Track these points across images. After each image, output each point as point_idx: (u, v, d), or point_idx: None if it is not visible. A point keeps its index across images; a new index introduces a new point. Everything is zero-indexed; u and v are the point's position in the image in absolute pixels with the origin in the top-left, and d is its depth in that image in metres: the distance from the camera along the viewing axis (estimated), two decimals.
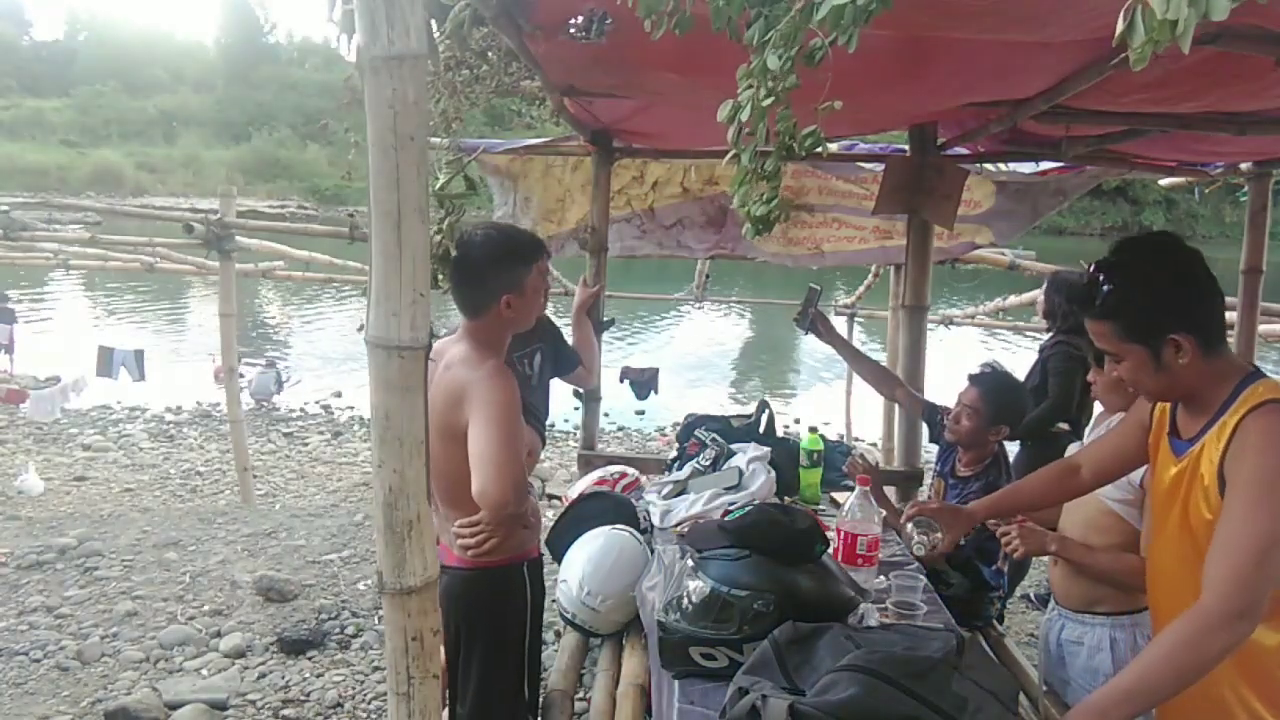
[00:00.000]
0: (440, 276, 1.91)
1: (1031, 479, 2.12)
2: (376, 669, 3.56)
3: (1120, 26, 0.91)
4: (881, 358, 8.83)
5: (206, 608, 4.13)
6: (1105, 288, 1.52)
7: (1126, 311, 1.51)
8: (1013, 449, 3.75)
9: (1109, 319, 1.53)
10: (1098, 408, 2.53)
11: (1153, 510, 1.68)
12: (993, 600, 3.00)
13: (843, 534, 2.23)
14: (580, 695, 2.94)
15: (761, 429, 3.34)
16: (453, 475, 1.97)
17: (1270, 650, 1.47)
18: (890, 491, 3.35)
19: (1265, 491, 1.37)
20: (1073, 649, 2.17)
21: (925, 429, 3.38)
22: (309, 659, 3.66)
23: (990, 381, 2.90)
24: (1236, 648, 1.36)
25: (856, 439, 8.84)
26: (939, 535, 2.05)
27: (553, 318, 3.21)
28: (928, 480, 4.20)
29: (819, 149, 1.35)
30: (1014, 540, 2.17)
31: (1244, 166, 4.06)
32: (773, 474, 2.91)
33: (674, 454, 3.31)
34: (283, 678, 3.50)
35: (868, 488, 2.29)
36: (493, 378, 1.96)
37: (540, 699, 2.43)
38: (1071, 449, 2.47)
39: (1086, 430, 2.43)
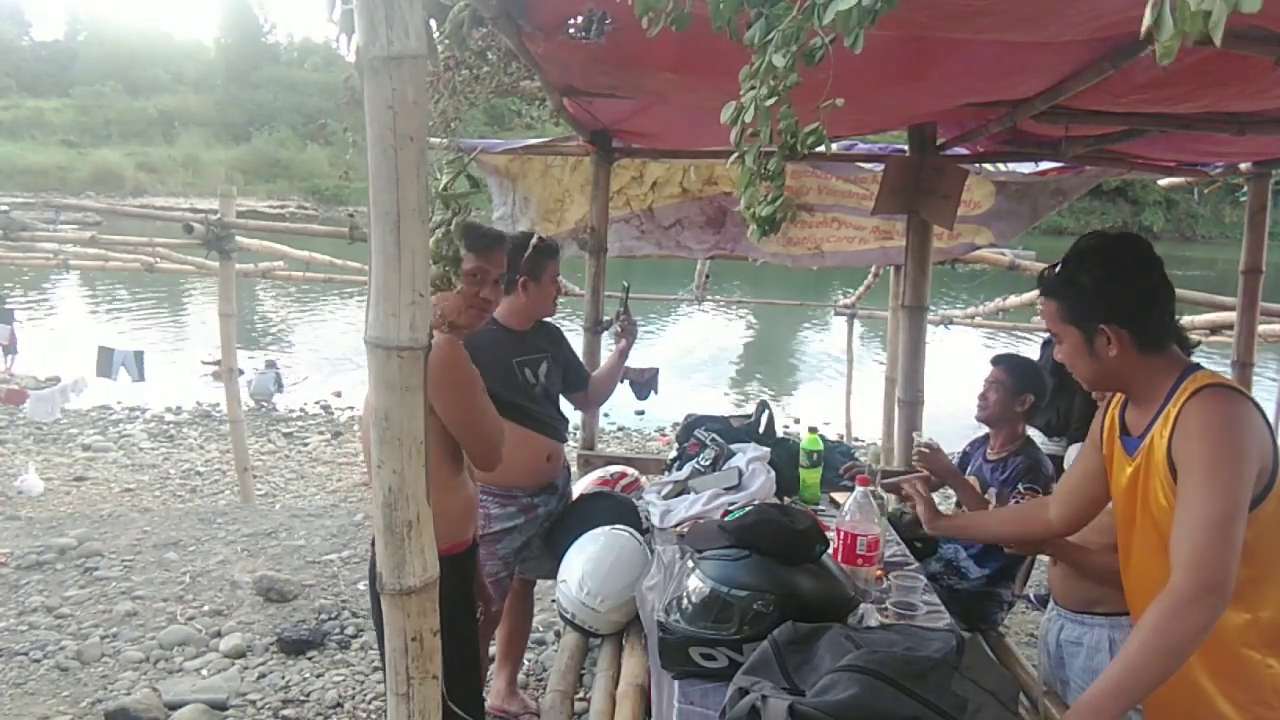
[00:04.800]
0: (454, 277, 1.91)
1: (1000, 512, 2.29)
2: (376, 669, 3.56)
3: (1147, 20, 0.90)
4: (882, 357, 8.86)
5: (206, 608, 4.13)
6: (1057, 269, 1.64)
7: (1066, 294, 1.62)
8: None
9: (1052, 298, 1.65)
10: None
11: (1118, 511, 1.72)
12: (1000, 605, 3.02)
13: (843, 534, 2.23)
14: (580, 695, 2.94)
15: (761, 429, 3.34)
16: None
17: (1235, 630, 1.50)
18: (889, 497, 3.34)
19: (1213, 470, 1.42)
20: (1072, 649, 2.17)
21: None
22: (309, 659, 3.66)
23: (1010, 358, 3.12)
24: (1214, 622, 1.38)
25: (856, 439, 8.85)
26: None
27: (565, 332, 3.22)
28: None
29: (820, 147, 1.34)
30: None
31: (1243, 166, 4.06)
32: (772, 474, 2.91)
33: (674, 454, 3.31)
34: (283, 678, 3.50)
35: (868, 488, 2.29)
36: (439, 357, 1.98)
37: (490, 699, 2.38)
38: (1072, 451, 2.49)
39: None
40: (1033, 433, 3.70)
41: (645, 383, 3.55)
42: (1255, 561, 1.47)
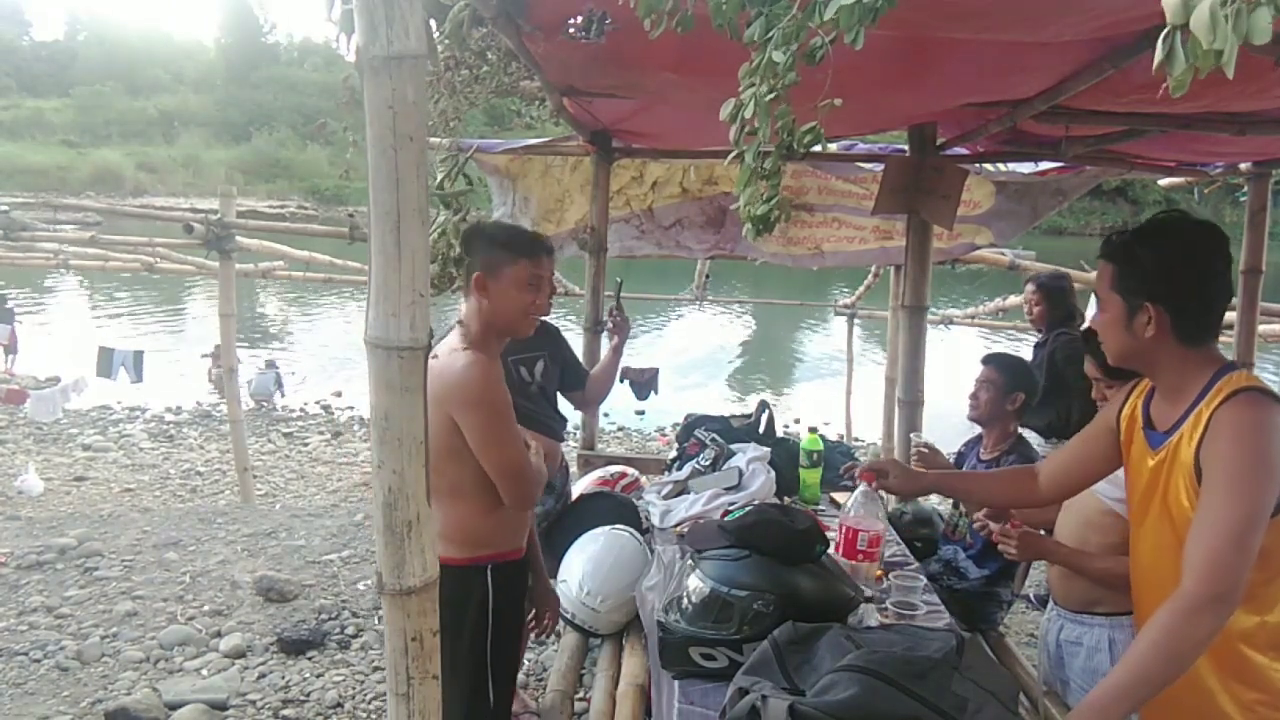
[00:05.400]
0: (455, 276, 1.89)
1: (989, 474, 2.22)
2: (376, 669, 3.56)
3: (1159, 56, 0.90)
4: (881, 357, 8.86)
5: (206, 608, 4.13)
6: (1125, 235, 1.60)
7: (1122, 262, 1.57)
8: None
9: (1108, 262, 1.60)
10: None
11: (1132, 504, 1.70)
12: (1000, 605, 3.02)
13: (844, 529, 2.22)
14: (580, 695, 2.94)
15: (761, 429, 3.34)
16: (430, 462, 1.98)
17: (1243, 631, 1.50)
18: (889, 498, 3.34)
19: (1239, 477, 1.40)
20: (1072, 649, 2.17)
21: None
22: (309, 659, 3.66)
23: (1001, 357, 3.12)
24: (1220, 629, 1.38)
25: (856, 439, 8.85)
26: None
27: (561, 331, 3.22)
28: None
29: (818, 146, 1.35)
30: (1011, 545, 2.17)
31: (1243, 166, 4.06)
32: (773, 474, 2.91)
33: (674, 454, 3.31)
34: (283, 678, 3.50)
35: (871, 484, 2.25)
36: (472, 380, 1.93)
37: (520, 702, 2.38)
38: None
39: None
40: (1031, 435, 3.71)
41: (645, 383, 3.55)
42: (1269, 565, 1.46)
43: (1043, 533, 2.31)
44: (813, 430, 3.04)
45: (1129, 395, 1.75)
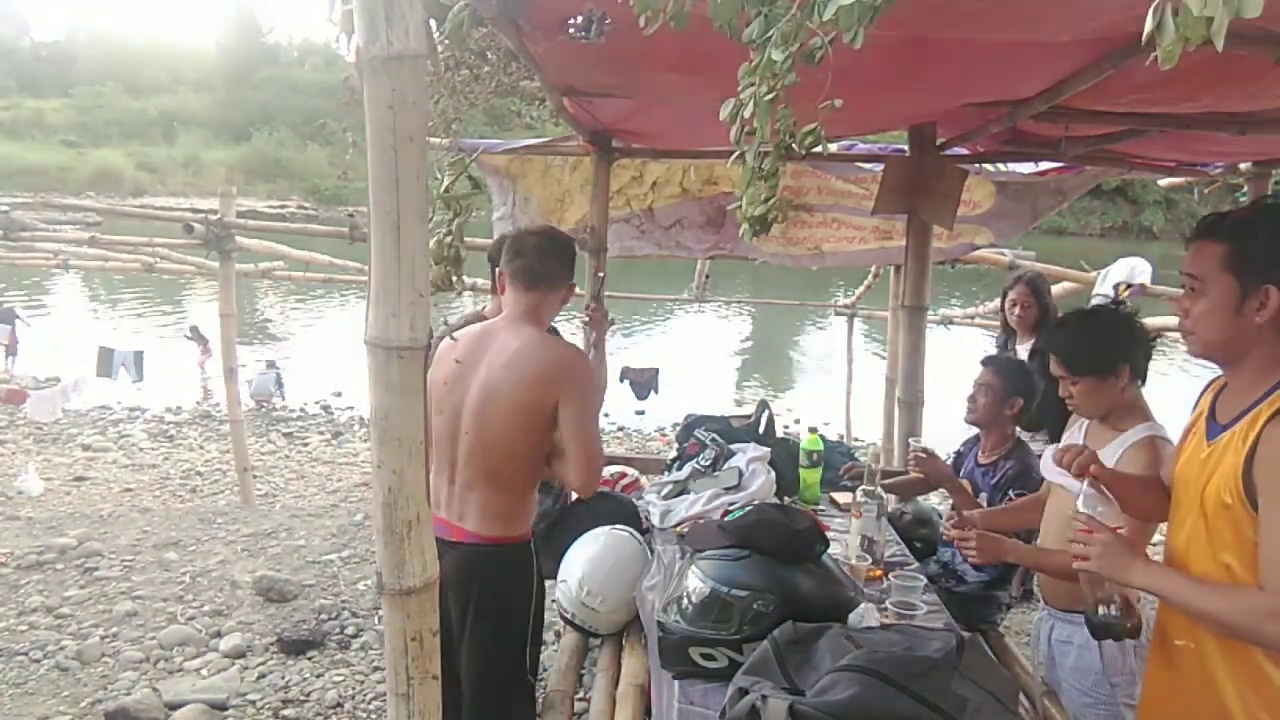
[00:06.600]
0: (455, 279, 1.91)
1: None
2: (376, 669, 3.56)
3: (1148, 26, 0.89)
4: (882, 357, 8.85)
5: (206, 608, 4.13)
6: (1240, 214, 1.51)
7: (1241, 241, 1.48)
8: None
9: (1222, 241, 1.50)
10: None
11: (1177, 493, 1.67)
12: (999, 608, 3.02)
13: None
14: (580, 695, 2.94)
15: (761, 429, 3.33)
16: (507, 448, 2.07)
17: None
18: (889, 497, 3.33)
19: None
20: (1063, 648, 2.17)
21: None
22: (309, 659, 3.66)
23: (1000, 360, 3.09)
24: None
25: (856, 439, 8.85)
26: None
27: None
28: None
29: (818, 147, 1.34)
30: (971, 548, 2.16)
31: (1244, 166, 4.06)
32: (773, 474, 2.91)
33: (674, 454, 3.31)
34: (283, 678, 3.50)
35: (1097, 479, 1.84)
36: (583, 361, 2.10)
37: (542, 674, 2.46)
38: (1048, 452, 2.46)
39: (1065, 435, 2.40)
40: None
41: (645, 383, 3.55)
42: None
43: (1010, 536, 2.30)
44: (813, 430, 3.04)
45: (1202, 393, 1.71)
